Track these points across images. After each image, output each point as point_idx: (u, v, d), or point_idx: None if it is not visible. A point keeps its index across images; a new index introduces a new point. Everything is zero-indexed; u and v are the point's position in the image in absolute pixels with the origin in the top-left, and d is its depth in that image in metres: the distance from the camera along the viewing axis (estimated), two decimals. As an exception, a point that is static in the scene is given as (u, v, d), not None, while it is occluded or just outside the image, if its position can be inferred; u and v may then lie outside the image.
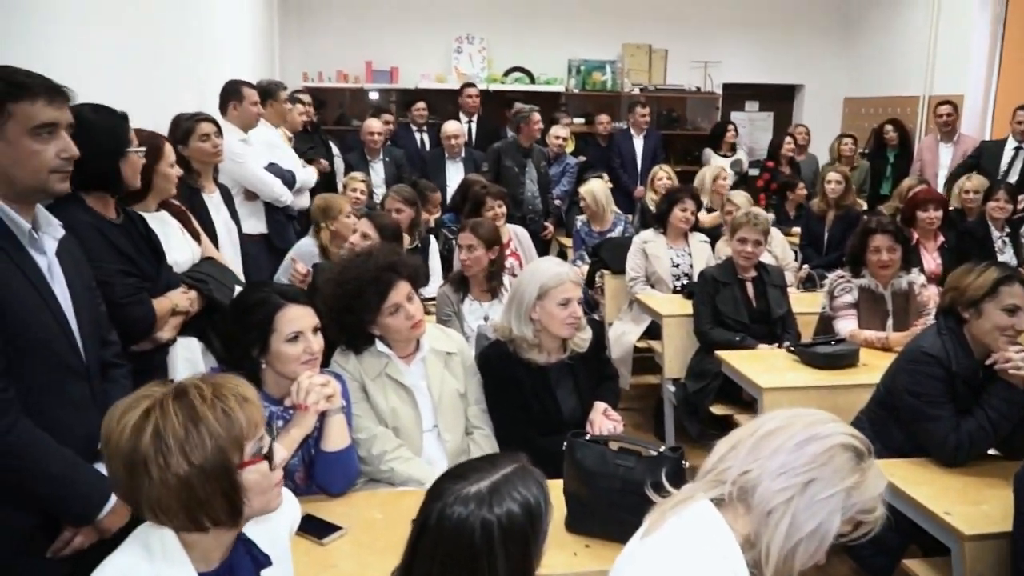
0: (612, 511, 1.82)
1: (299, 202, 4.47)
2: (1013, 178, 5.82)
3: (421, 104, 6.93)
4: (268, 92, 4.57)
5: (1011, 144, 6.03)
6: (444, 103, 7.62)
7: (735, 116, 8.70)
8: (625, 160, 7.10)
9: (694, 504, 1.36)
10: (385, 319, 2.29)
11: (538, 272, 2.45)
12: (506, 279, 3.60)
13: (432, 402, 2.41)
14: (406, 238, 4.06)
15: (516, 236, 4.56)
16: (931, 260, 4.71)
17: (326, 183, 5.27)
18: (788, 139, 7.19)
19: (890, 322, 3.61)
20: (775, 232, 4.81)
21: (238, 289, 2.44)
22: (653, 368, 4.91)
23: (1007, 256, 4.94)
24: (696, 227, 4.79)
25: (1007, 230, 5.00)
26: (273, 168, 4.18)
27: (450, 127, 6.12)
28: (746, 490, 1.31)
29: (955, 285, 2.42)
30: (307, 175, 4.59)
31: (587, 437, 1.99)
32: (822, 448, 1.28)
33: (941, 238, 4.88)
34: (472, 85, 7.10)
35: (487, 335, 2.87)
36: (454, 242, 4.43)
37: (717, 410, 3.64)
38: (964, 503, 2.10)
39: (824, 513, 1.26)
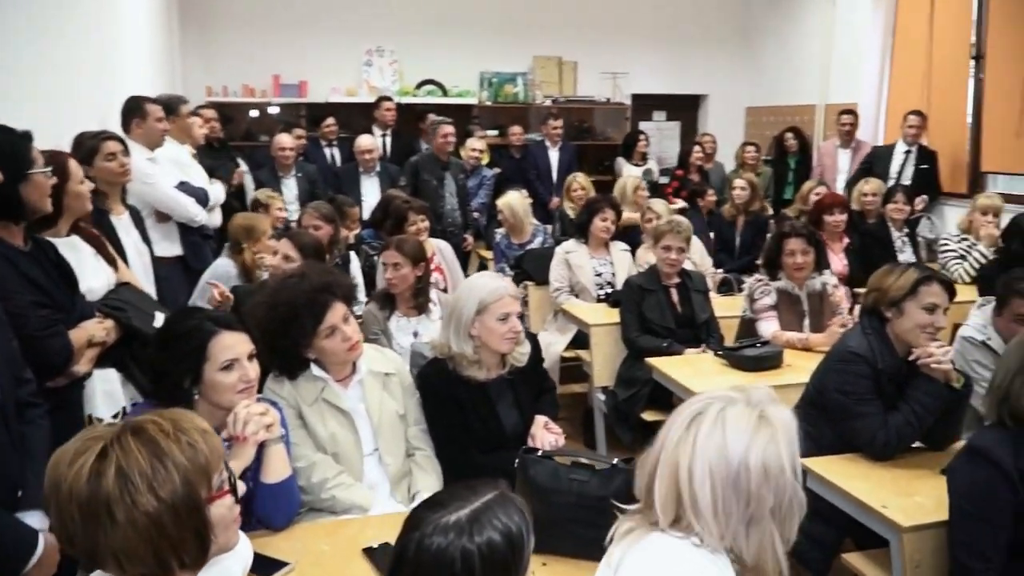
0: (568, 527, 1.80)
1: (212, 220, 4.30)
2: (905, 180, 6.16)
3: (331, 120, 6.80)
4: (170, 107, 4.38)
5: (901, 148, 6.39)
6: (356, 117, 7.51)
7: (644, 126, 8.90)
8: (541, 172, 7.16)
9: (649, 540, 1.34)
10: (321, 342, 2.21)
11: (476, 288, 2.41)
12: (433, 294, 3.56)
13: (372, 425, 2.34)
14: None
15: (439, 250, 4.51)
16: (838, 261, 4.92)
17: (238, 201, 5.10)
18: (696, 148, 7.39)
19: (807, 322, 3.75)
20: (694, 239, 4.92)
21: (159, 315, 2.30)
22: (579, 377, 4.94)
23: (907, 255, 5.21)
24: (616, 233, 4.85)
25: (905, 230, 5.27)
26: (185, 187, 4.00)
27: (364, 141, 6.02)
28: (709, 525, 1.29)
29: (877, 286, 2.51)
30: (216, 192, 4.43)
31: (539, 453, 1.97)
32: (759, 471, 1.27)
33: (846, 240, 5.11)
34: (388, 99, 7.03)
35: (423, 353, 2.81)
36: (375, 258, 4.37)
37: (648, 416, 3.69)
38: (898, 495, 2.18)
39: (790, 488, 1.30)
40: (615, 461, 1.89)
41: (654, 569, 1.30)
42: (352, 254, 4.47)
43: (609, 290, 4.55)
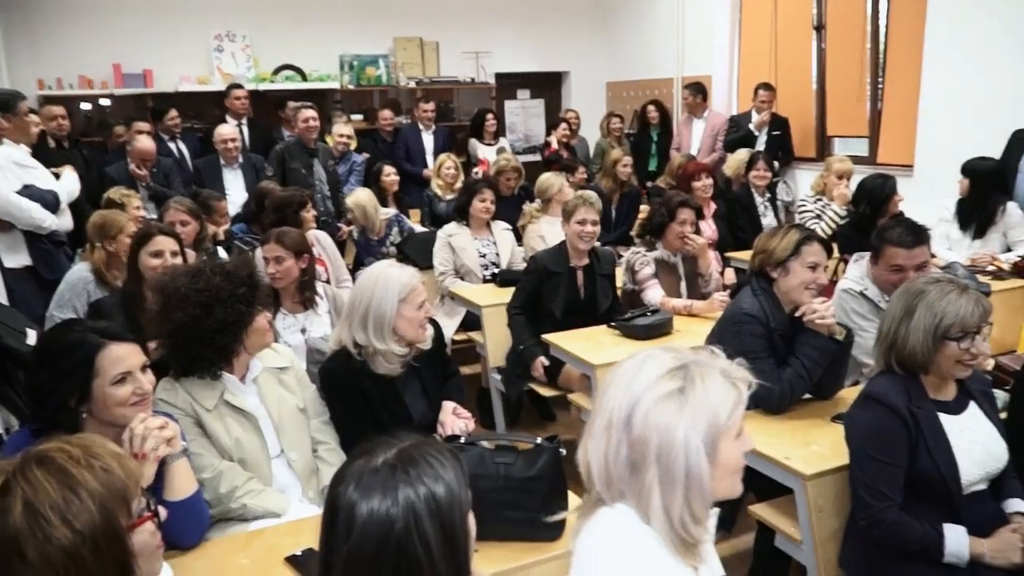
0: (497, 511, 1.78)
1: (63, 224, 3.95)
2: (761, 147, 6.50)
3: (173, 113, 6.37)
4: (6, 105, 3.99)
5: (755, 118, 6.73)
6: (209, 107, 7.11)
7: (508, 104, 8.96)
8: (414, 155, 7.06)
9: (594, 520, 1.32)
10: (251, 339, 2.14)
11: (391, 280, 2.34)
12: (319, 288, 3.44)
13: (274, 424, 2.23)
14: (191, 254, 3.70)
15: (318, 241, 4.35)
16: (707, 227, 5.13)
17: (91, 200, 4.70)
18: (563, 124, 7.50)
19: (683, 285, 3.90)
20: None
21: (31, 332, 2.09)
22: (470, 359, 4.93)
23: (769, 219, 5.51)
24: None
25: (767, 195, 5.56)
26: (30, 191, 3.65)
27: (224, 131, 5.71)
28: (622, 490, 1.29)
29: (763, 248, 2.63)
30: (70, 183, 4.05)
31: (462, 440, 1.93)
32: (642, 417, 1.25)
33: (714, 206, 5.34)
34: (239, 86, 6.67)
35: (320, 348, 2.71)
36: (250, 254, 4.16)
37: (543, 391, 3.73)
38: (797, 446, 2.30)
39: (683, 463, 1.23)
40: (539, 440, 1.89)
41: (595, 547, 1.29)
42: (219, 250, 4.25)
43: (495, 270, 4.55)
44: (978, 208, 4.37)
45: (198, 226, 3.94)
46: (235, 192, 5.62)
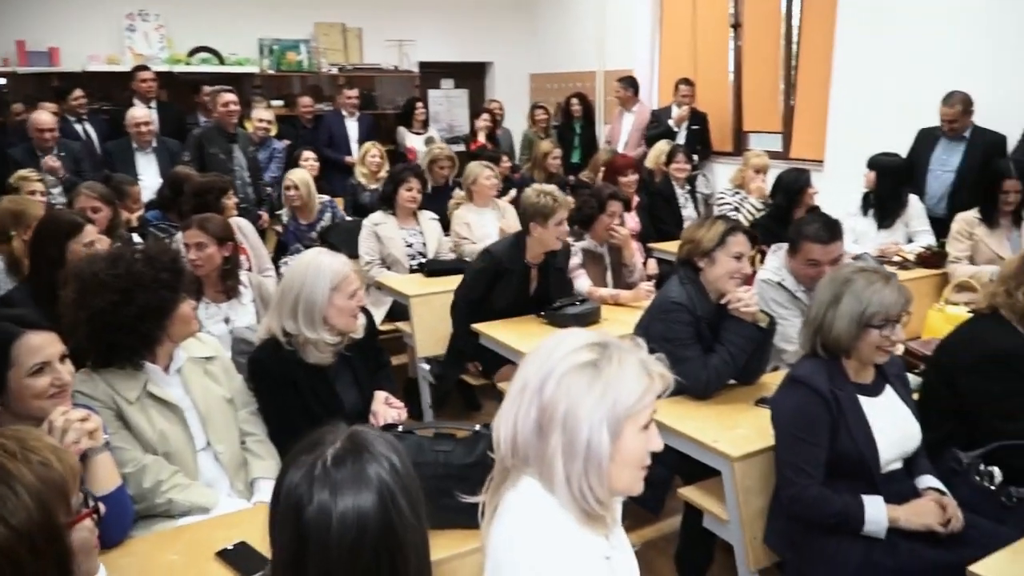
0: (437, 498, 1.76)
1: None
2: (681, 140, 6.66)
3: (78, 92, 6.08)
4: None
5: (676, 112, 6.88)
6: (119, 88, 6.81)
7: (432, 94, 8.90)
8: (338, 142, 6.94)
9: (507, 495, 1.34)
10: (175, 327, 2.07)
11: (323, 268, 2.29)
12: (243, 276, 3.35)
13: (200, 416, 2.16)
14: (105, 240, 3.54)
15: (240, 228, 4.22)
16: (631, 219, 5.22)
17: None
18: (486, 115, 7.50)
19: (609, 275, 3.97)
20: (506, 205, 5.02)
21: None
22: (396, 349, 4.89)
23: (689, 211, 5.65)
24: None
25: (687, 187, 5.70)
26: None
27: (137, 113, 5.48)
28: (528, 457, 1.31)
29: (691, 238, 2.69)
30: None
31: (399, 429, 1.92)
32: (555, 382, 1.27)
33: (637, 199, 5.43)
34: (145, 68, 6.37)
35: (246, 339, 2.63)
36: (167, 241, 4.01)
37: (472, 380, 3.74)
38: (724, 429, 2.37)
39: (585, 436, 1.25)
40: (477, 427, 1.89)
41: (507, 536, 1.30)
42: (136, 237, 4.08)
43: (422, 260, 4.51)
44: (885, 200, 4.58)
45: (111, 212, 3.77)
46: (149, 177, 5.40)
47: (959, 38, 5.00)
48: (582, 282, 3.82)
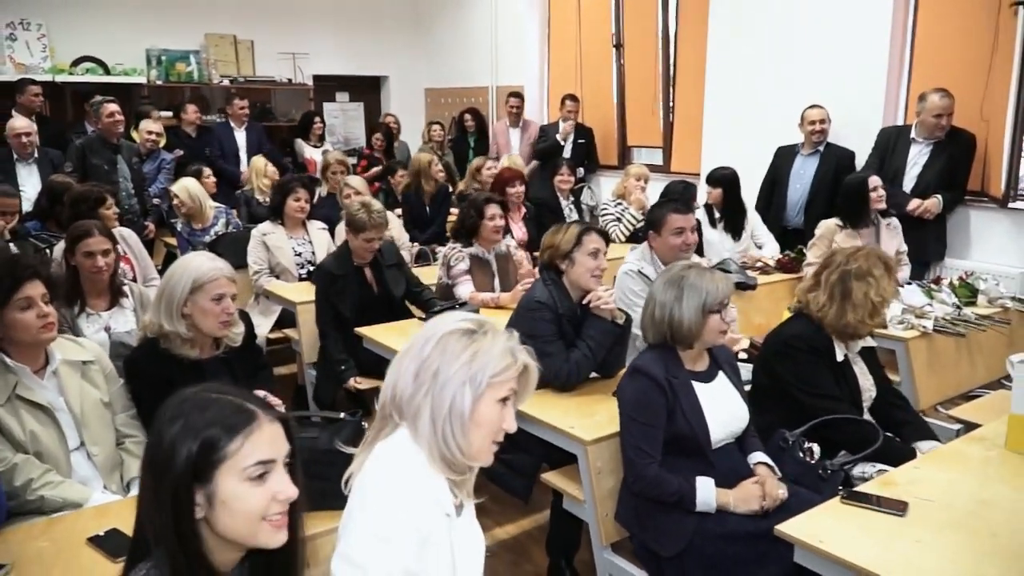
0: (307, 484, 1.88)
1: None
2: (567, 154, 6.94)
3: None
4: None
5: (563, 127, 7.16)
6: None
7: (327, 107, 8.93)
8: (227, 154, 6.89)
9: (378, 444, 1.51)
10: (13, 314, 2.09)
11: (191, 267, 2.37)
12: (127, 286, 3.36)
13: (75, 418, 2.21)
14: None
15: (124, 239, 4.20)
16: (518, 229, 5.44)
17: None
18: (380, 129, 7.61)
19: (496, 281, 4.15)
20: (391, 216, 5.12)
21: None
22: (286, 359, 4.93)
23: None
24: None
25: (571, 199, 5.96)
26: None
27: (20, 123, 5.34)
28: (402, 407, 1.49)
29: (550, 244, 2.91)
30: None
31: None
32: (435, 341, 1.48)
33: (524, 209, 5.65)
34: (34, 82, 6.21)
35: (124, 342, 2.67)
36: (47, 253, 3.96)
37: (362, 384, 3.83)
38: (582, 417, 2.57)
39: (452, 391, 1.44)
40: (342, 414, 2.01)
41: (376, 457, 1.47)
42: (11, 248, 4.00)
43: (310, 268, 4.58)
44: (735, 211, 4.91)
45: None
46: (30, 188, 5.26)
47: (814, 63, 5.46)
48: (463, 288, 3.99)
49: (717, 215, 4.91)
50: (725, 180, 4.88)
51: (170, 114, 7.49)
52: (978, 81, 4.80)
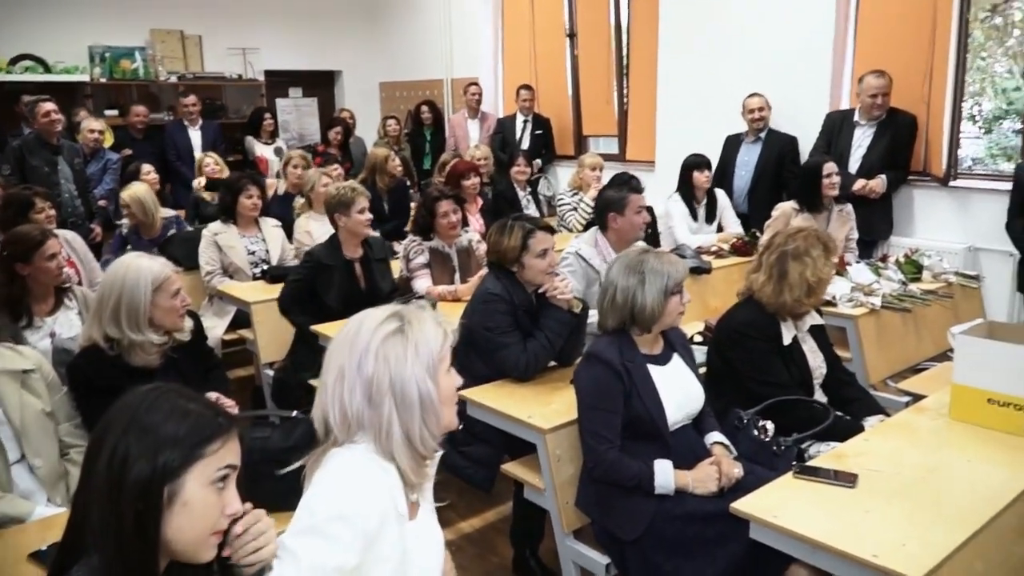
0: (259, 484, 1.85)
1: None
2: (525, 146, 6.95)
3: None
4: None
5: (520, 117, 7.18)
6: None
7: (280, 103, 8.80)
8: (182, 152, 6.77)
9: (330, 454, 1.47)
10: None
11: (143, 271, 2.32)
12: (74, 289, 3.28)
13: (14, 430, 2.15)
14: None
15: (68, 242, 4.10)
16: (476, 221, 5.42)
17: None
18: (336, 124, 7.53)
19: (457, 275, 4.13)
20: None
21: None
22: (243, 361, 4.86)
23: (532, 211, 5.90)
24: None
25: (528, 189, 5.97)
26: None
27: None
28: (356, 427, 1.45)
29: (495, 249, 2.89)
30: None
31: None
32: (373, 355, 1.43)
33: (481, 201, 5.64)
34: None
35: (66, 348, 2.61)
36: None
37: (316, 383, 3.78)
38: (539, 406, 2.57)
39: (415, 390, 1.43)
40: (294, 413, 1.99)
41: (325, 477, 1.44)
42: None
43: (264, 267, 4.52)
44: (711, 196, 5.01)
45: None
46: (-44, 191, 5.11)
47: (762, 51, 5.53)
48: (422, 282, 3.96)
49: (703, 199, 4.99)
50: (708, 163, 4.95)
51: (115, 113, 7.33)
52: (919, 64, 4.91)
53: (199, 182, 5.83)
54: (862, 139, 4.95)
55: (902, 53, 4.97)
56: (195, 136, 6.93)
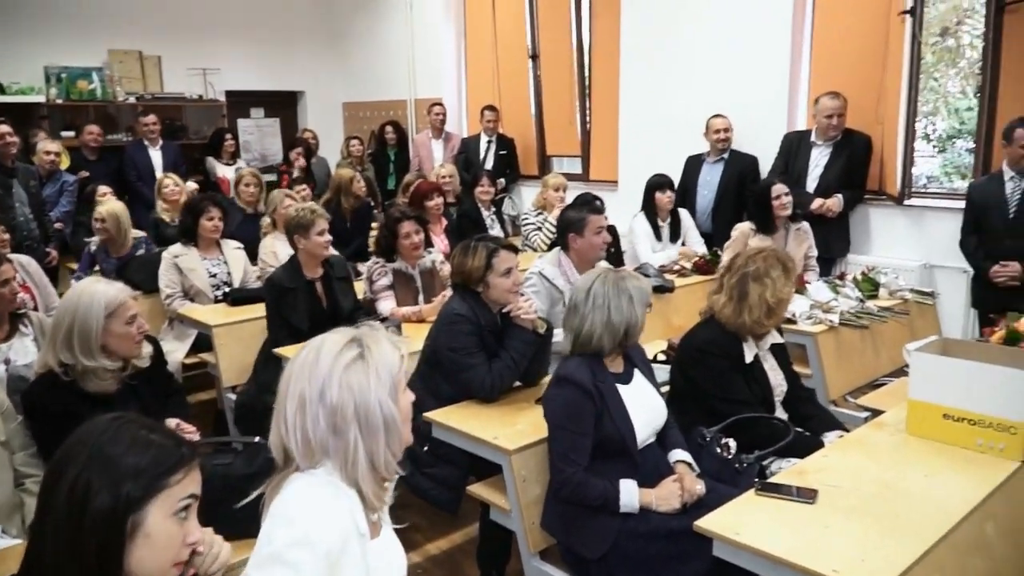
0: (220, 509, 1.82)
1: None
2: (489, 166, 6.98)
3: None
4: None
5: (484, 137, 7.21)
6: None
7: (242, 123, 8.71)
8: (142, 173, 6.68)
9: (288, 479, 1.46)
10: None
11: (96, 295, 2.29)
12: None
13: (-33, 460, 2.10)
14: None
15: (22, 266, 4.01)
16: (440, 241, 5.42)
17: None
18: (298, 144, 7.49)
19: (421, 296, 4.12)
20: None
21: None
22: (204, 385, 4.79)
23: (496, 231, 5.91)
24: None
25: (493, 209, 5.98)
26: None
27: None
28: (319, 454, 1.44)
29: (459, 270, 2.89)
30: None
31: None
32: (336, 383, 1.42)
33: (445, 221, 5.64)
34: None
35: (22, 375, 2.55)
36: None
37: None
38: (505, 427, 2.57)
39: (379, 414, 1.43)
40: (256, 439, 1.97)
41: (283, 503, 1.42)
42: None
43: (226, 289, 4.47)
44: (675, 216, 5.09)
45: None
46: (-88, 216, 4.98)
47: (721, 74, 5.64)
48: (385, 304, 3.95)
49: (667, 219, 5.07)
50: (671, 183, 5.04)
51: (72, 134, 7.21)
52: (872, 86, 5.04)
53: (160, 206, 5.74)
54: (819, 159, 5.06)
55: (856, 75, 5.10)
56: (156, 156, 6.85)
